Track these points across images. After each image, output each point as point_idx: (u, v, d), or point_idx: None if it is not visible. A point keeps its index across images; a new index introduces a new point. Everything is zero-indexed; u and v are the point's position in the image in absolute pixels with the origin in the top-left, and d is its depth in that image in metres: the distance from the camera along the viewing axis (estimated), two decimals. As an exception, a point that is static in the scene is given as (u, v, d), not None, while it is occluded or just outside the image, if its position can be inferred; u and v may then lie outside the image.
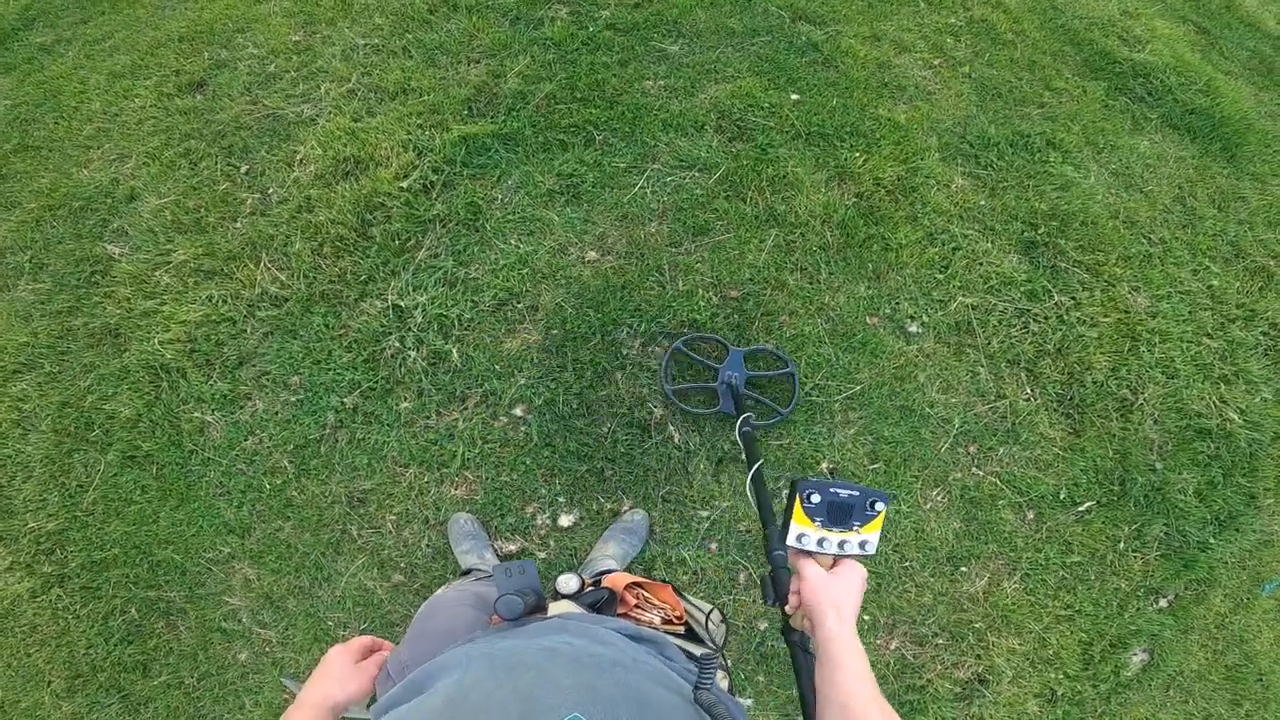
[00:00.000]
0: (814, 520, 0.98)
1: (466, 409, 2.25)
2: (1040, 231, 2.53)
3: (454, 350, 2.27)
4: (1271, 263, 2.77)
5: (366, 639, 1.02)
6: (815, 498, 0.98)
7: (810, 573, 0.95)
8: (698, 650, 1.03)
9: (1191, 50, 3.21)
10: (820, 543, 0.98)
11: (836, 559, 0.99)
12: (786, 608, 1.00)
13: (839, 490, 0.98)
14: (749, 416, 1.86)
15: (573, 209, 2.42)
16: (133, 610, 2.21)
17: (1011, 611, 2.27)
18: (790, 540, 0.98)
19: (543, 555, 2.19)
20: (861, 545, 0.98)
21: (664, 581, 1.19)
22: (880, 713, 0.78)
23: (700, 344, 2.27)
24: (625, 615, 1.09)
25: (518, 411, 2.23)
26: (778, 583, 1.05)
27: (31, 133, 2.82)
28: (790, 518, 0.98)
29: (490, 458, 2.21)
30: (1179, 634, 2.42)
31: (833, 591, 0.92)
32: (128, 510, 2.26)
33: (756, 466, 1.51)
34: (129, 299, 2.44)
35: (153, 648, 2.19)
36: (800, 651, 0.97)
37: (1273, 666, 2.58)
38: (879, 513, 0.99)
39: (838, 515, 0.98)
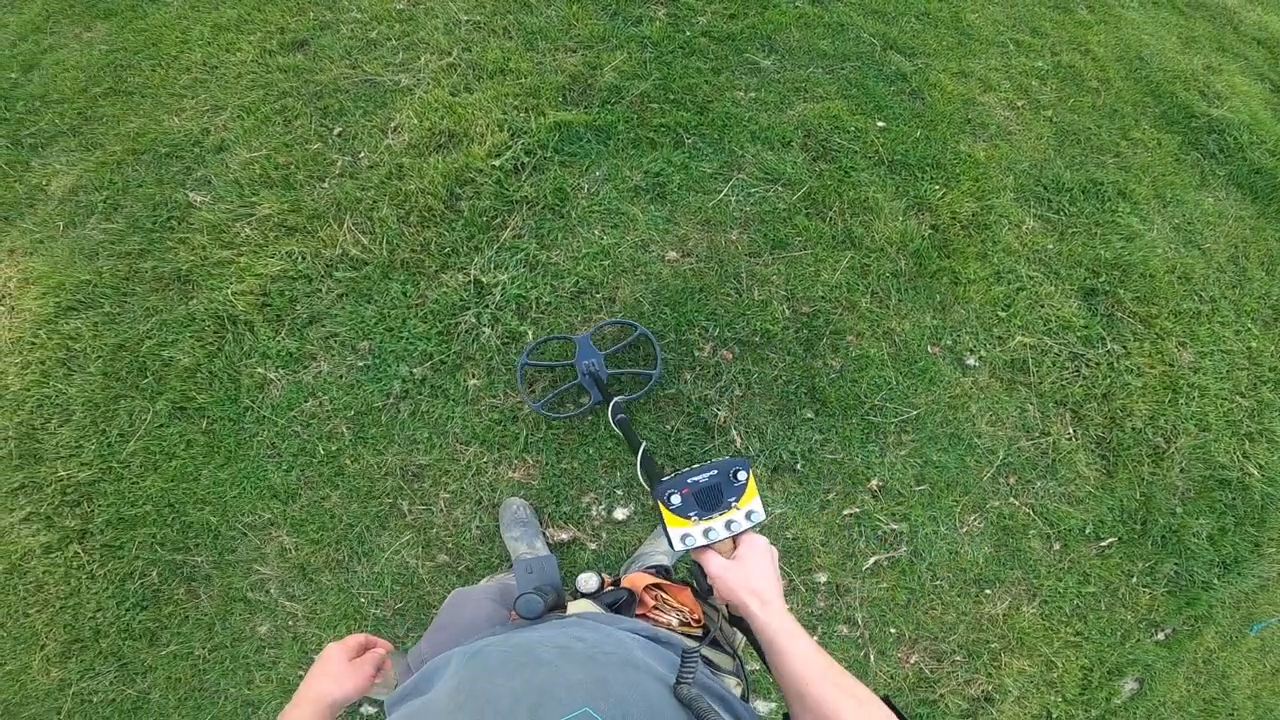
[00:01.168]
0: (688, 517, 0.95)
1: (534, 392, 2.34)
2: (1101, 280, 2.66)
3: (529, 332, 2.35)
4: (1308, 328, 2.90)
5: (361, 636, 1.04)
6: (676, 498, 0.95)
7: (713, 568, 0.93)
8: (714, 654, 1.05)
9: (1265, 108, 3.33)
10: (707, 534, 0.95)
11: (736, 540, 0.96)
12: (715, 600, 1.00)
13: (698, 478, 0.96)
14: (618, 402, 1.87)
15: (657, 207, 2.51)
16: (154, 574, 2.18)
17: (1026, 634, 2.44)
18: (677, 545, 0.96)
19: (593, 547, 2.27)
20: (748, 516, 0.96)
21: (683, 583, 1.20)
22: (834, 687, 0.78)
23: (546, 348, 2.29)
24: (643, 616, 1.08)
25: (585, 400, 2.33)
26: (697, 577, 1.03)
27: (126, 78, 2.88)
28: (666, 526, 0.96)
29: (553, 443, 2.29)
30: (1170, 666, 2.61)
31: (742, 578, 0.90)
32: (168, 465, 2.24)
33: (642, 451, 1.48)
34: (205, 247, 2.49)
35: (167, 615, 2.16)
36: (753, 637, 0.94)
37: (1245, 702, 2.78)
38: (746, 481, 0.97)
39: (709, 501, 0.95)
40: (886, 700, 0.78)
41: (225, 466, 2.25)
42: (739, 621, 0.97)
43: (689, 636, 1.06)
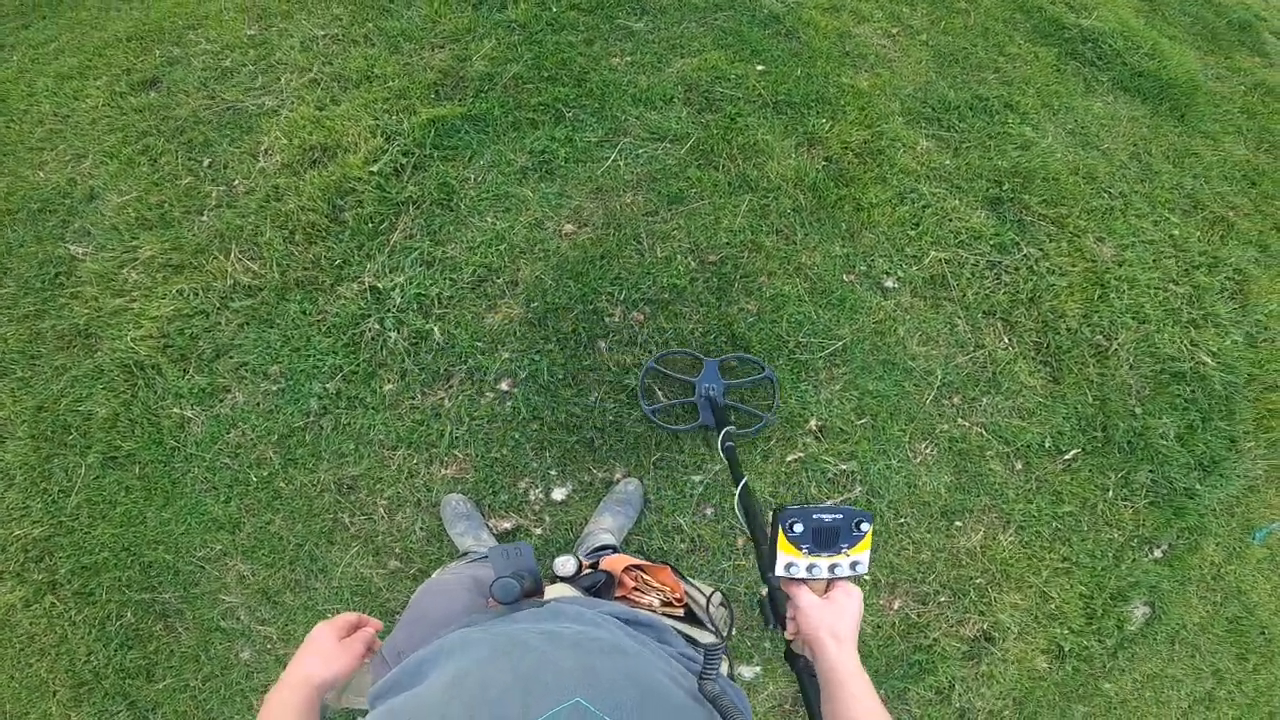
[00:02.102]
0: (800, 548, 0.99)
1: (451, 387, 2.33)
2: (1005, 188, 2.75)
3: (435, 329, 2.36)
4: (1230, 213, 3.04)
5: (352, 615, 1.04)
6: (798, 526, 0.99)
7: (804, 601, 0.96)
8: (697, 634, 1.09)
9: (1136, 16, 3.53)
10: (810, 569, 0.99)
11: (830, 583, 1.00)
12: (786, 634, 1.02)
13: (823, 515, 1.00)
14: (730, 430, 1.92)
15: (547, 184, 2.56)
16: (129, 614, 2.27)
17: (1010, 566, 2.40)
18: (779, 570, 0.99)
19: (538, 532, 2.25)
20: (853, 566, 1.00)
21: (663, 563, 1.22)
22: None
23: (673, 359, 2.36)
24: (623, 598, 1.11)
25: (503, 386, 2.32)
26: (775, 606, 1.06)
27: (-20, 138, 2.88)
28: (776, 548, 1.00)
29: (479, 434, 2.29)
30: (1177, 585, 2.58)
31: (829, 619, 0.93)
32: (113, 512, 2.31)
33: (742, 484, 1.54)
34: (97, 298, 2.50)
35: (154, 651, 2.25)
36: (807, 677, 0.99)
37: (1272, 618, 2.74)
38: (865, 533, 1.00)
39: (824, 540, 0.99)
40: None
41: (167, 506, 2.30)
42: (793, 659, 1.02)
43: (670, 616, 1.09)
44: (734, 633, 1.13)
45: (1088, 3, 3.45)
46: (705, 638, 1.08)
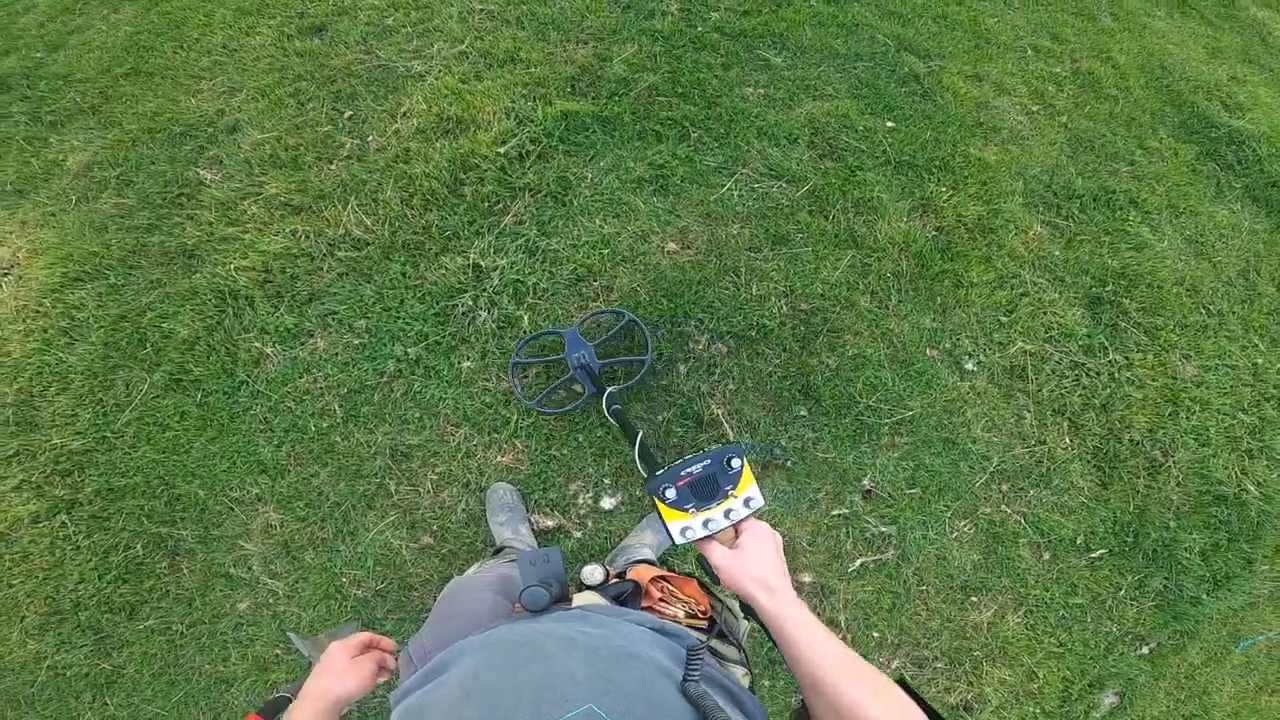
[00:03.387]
0: (685, 509, 0.88)
1: (528, 377, 2.21)
2: (1108, 289, 2.46)
3: (525, 317, 2.22)
4: (1318, 348, 2.66)
5: (364, 635, 1.02)
6: (671, 492, 0.88)
7: (717, 558, 0.86)
8: (722, 647, 1.00)
9: (1289, 122, 3.04)
10: (706, 524, 0.88)
11: (737, 529, 0.90)
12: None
13: (691, 469, 0.89)
14: (611, 393, 1.77)
15: (659, 199, 2.36)
16: (138, 546, 2.07)
17: (1009, 643, 2.28)
18: (678, 539, 0.89)
19: (578, 535, 2.14)
20: (746, 504, 0.89)
21: (689, 575, 1.13)
22: (849, 674, 0.73)
23: (533, 345, 2.16)
24: (649, 608, 1.02)
25: (578, 388, 2.18)
26: (705, 567, 0.96)
27: (148, 59, 2.78)
28: (664, 521, 0.90)
29: (542, 429, 2.16)
30: (1151, 680, 2.43)
31: (749, 568, 0.84)
32: (161, 436, 2.14)
33: (639, 438, 1.41)
34: (212, 223, 2.39)
35: (148, 589, 2.05)
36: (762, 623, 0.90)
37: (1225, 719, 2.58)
38: (740, 468, 0.89)
39: (704, 491, 0.89)
40: (901, 681, 0.73)
41: (217, 440, 2.13)
42: (749, 611, 0.91)
43: (695, 629, 1.01)
44: (722, 630, 1.02)
45: (1244, 102, 2.98)
46: (729, 649, 1.00)
